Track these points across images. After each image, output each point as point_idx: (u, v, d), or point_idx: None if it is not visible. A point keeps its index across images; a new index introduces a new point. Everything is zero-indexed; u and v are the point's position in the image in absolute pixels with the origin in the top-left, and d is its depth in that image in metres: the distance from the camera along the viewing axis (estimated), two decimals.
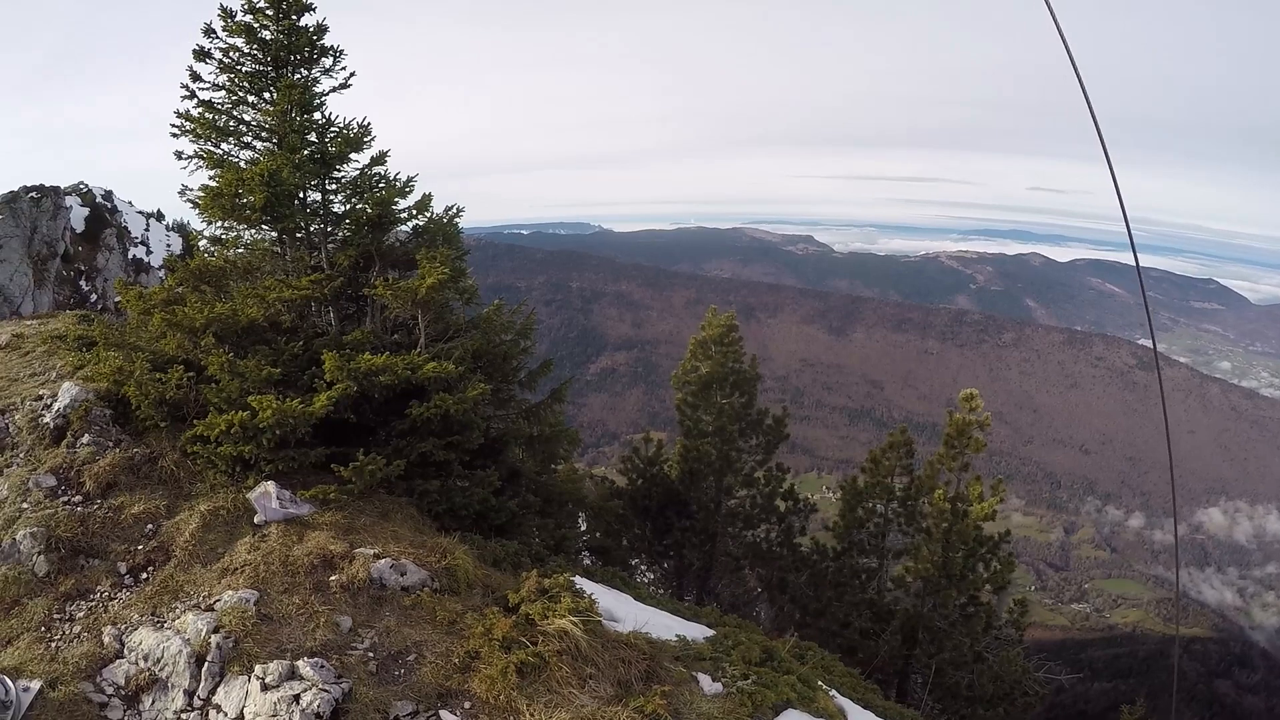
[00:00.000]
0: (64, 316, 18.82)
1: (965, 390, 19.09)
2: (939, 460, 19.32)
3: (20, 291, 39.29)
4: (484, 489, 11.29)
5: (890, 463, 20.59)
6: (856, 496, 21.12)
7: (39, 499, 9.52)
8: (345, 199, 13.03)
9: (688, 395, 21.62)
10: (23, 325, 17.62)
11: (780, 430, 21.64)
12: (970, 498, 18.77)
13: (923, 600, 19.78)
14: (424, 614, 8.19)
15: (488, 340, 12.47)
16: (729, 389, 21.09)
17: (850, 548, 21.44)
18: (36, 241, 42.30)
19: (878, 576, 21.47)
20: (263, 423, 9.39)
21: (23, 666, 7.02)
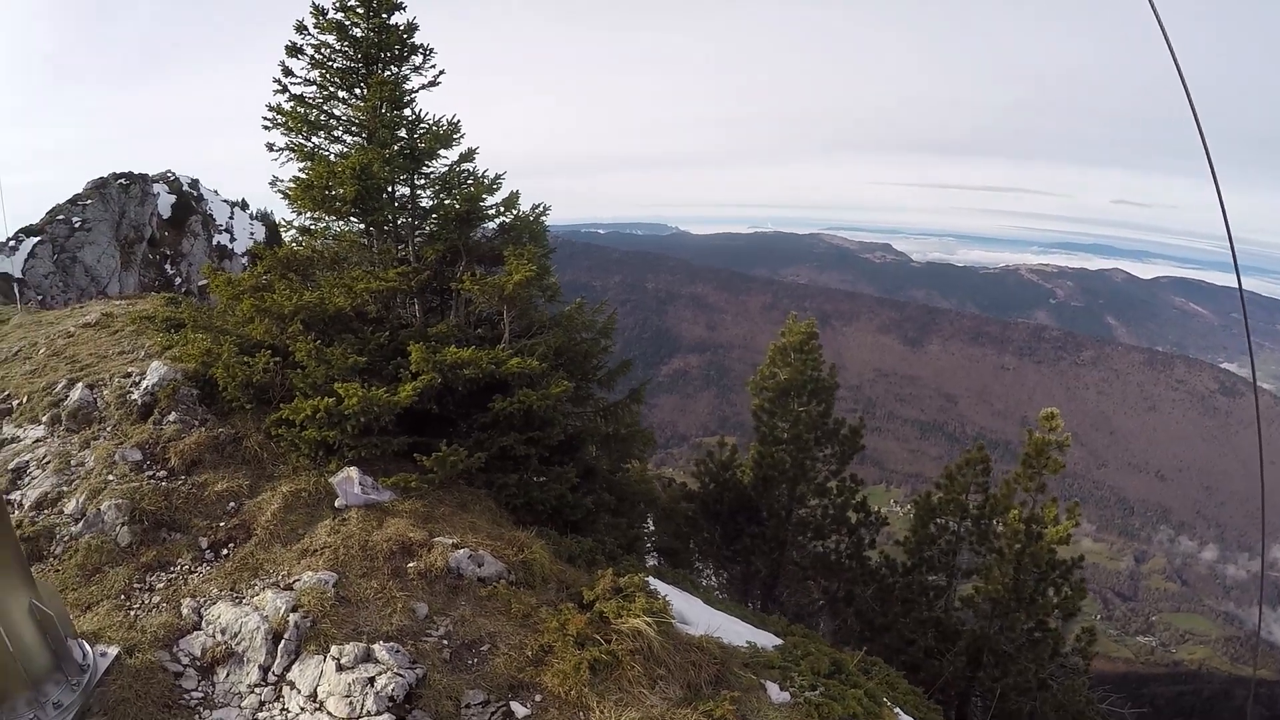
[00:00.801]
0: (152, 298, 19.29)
1: (1045, 409, 18.69)
2: (1015, 479, 18.93)
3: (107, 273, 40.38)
4: (561, 485, 11.32)
5: (965, 479, 20.23)
6: (930, 512, 20.79)
7: (124, 472, 9.77)
8: (434, 194, 13.15)
9: (765, 401, 21.44)
10: (111, 304, 18.11)
11: (856, 441, 21.36)
12: (1045, 520, 18.34)
13: (990, 622, 19.37)
14: (499, 605, 8.22)
15: (569, 338, 12.52)
16: (806, 397, 20.85)
17: (920, 564, 21.09)
18: (124, 226, 43.48)
19: (945, 595, 21.08)
20: (348, 409, 9.54)
21: (101, 632, 7.13)
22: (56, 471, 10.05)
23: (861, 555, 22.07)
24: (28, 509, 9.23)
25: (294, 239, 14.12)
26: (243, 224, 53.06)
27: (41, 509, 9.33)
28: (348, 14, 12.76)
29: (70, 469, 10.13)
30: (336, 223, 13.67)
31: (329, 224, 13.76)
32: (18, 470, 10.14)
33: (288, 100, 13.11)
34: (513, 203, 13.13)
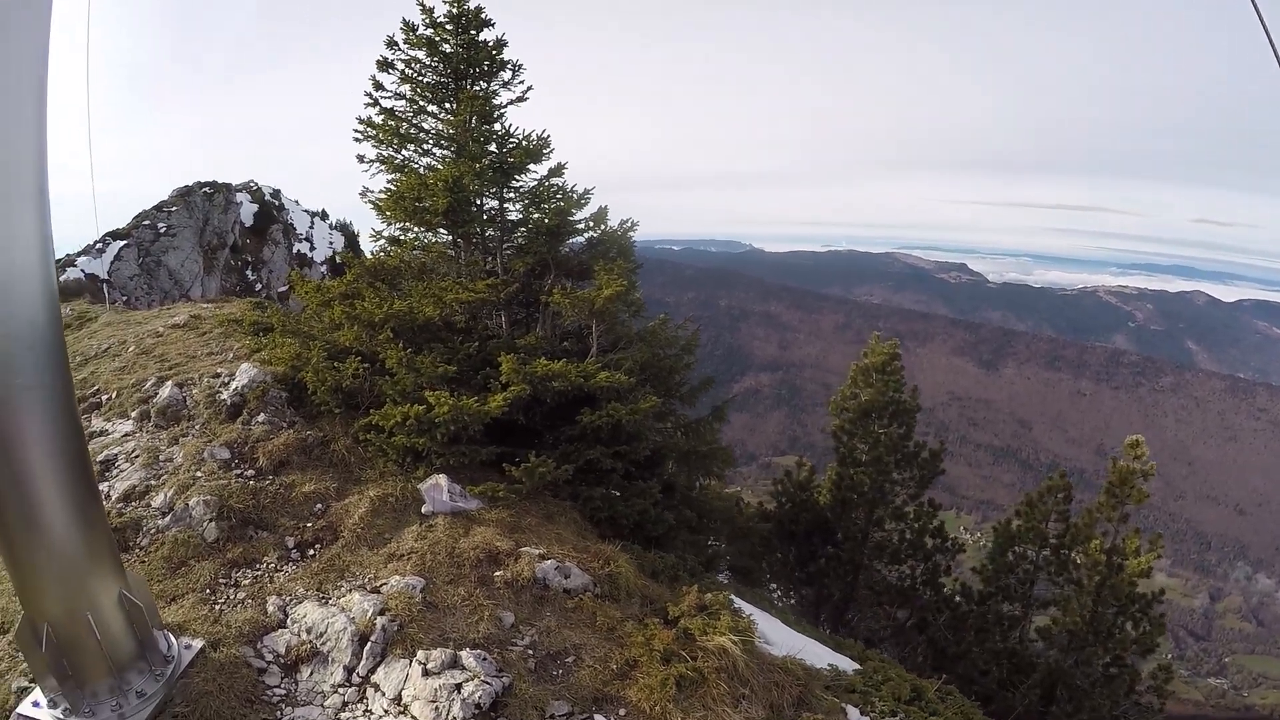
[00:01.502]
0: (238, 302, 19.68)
1: (1131, 436, 18.22)
2: (1098, 508, 18.46)
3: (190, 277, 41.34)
4: (645, 500, 11.28)
5: (1046, 507, 19.74)
6: (1009, 539, 20.31)
7: (213, 469, 9.94)
8: (523, 208, 13.25)
9: (845, 422, 21.13)
10: (199, 307, 18.52)
11: (935, 465, 20.96)
12: (1126, 551, 17.85)
13: (1065, 655, 18.84)
14: (584, 618, 8.18)
15: (653, 354, 12.50)
16: (887, 419, 20.57)
17: (996, 592, 20.60)
18: (208, 232, 44.55)
19: (1020, 625, 20.58)
20: (438, 417, 9.61)
21: (186, 624, 7.21)
22: (145, 465, 10.28)
23: (937, 582, 21.66)
24: (115, 500, 9.45)
25: (382, 248, 14.28)
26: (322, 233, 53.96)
27: (129, 501, 9.55)
28: (437, 30, 12.99)
29: (159, 464, 10.36)
30: (425, 234, 13.83)
31: (418, 235, 13.93)
32: (106, 462, 10.41)
33: (378, 113, 13.36)
34: (602, 218, 13.17)
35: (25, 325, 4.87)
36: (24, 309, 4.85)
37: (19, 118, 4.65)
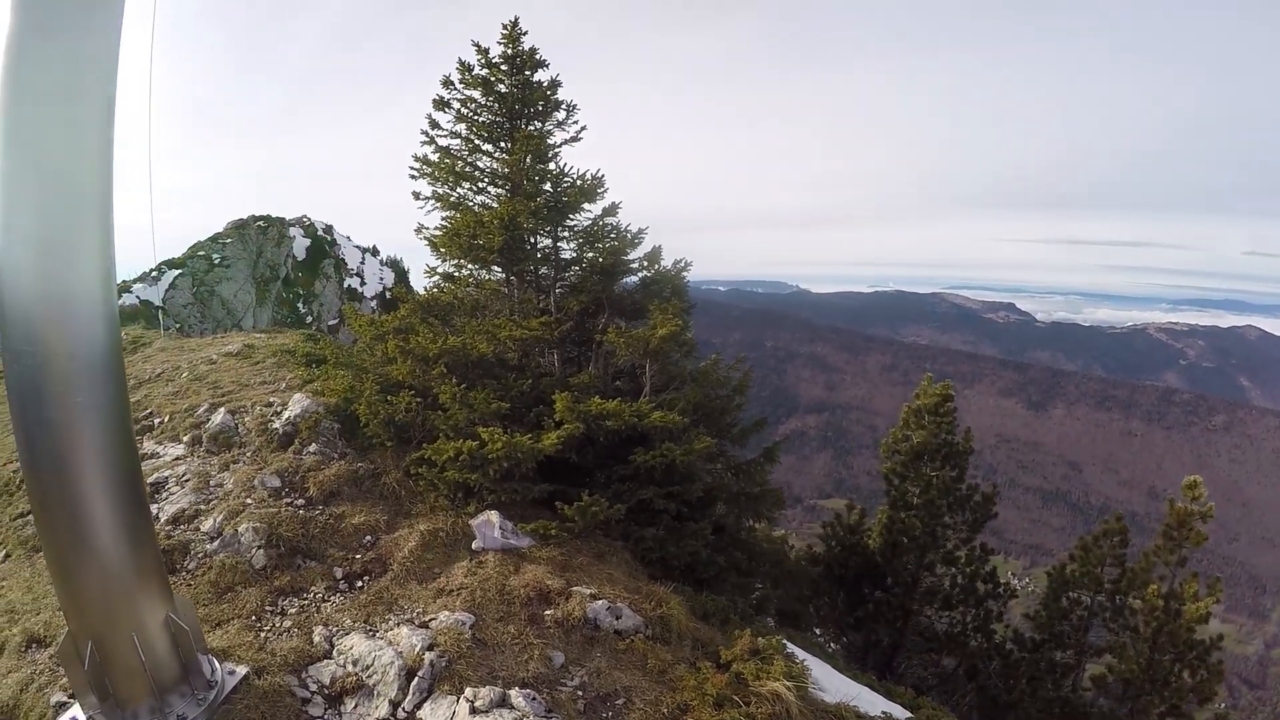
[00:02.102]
0: (290, 333, 19.88)
1: (1189, 478, 17.78)
2: (1155, 552, 18.01)
3: (243, 307, 41.98)
4: (697, 541, 11.17)
5: (1102, 551, 19.30)
6: (1063, 584, 19.86)
7: (263, 497, 10.04)
8: (578, 247, 13.28)
9: (896, 465, 20.78)
10: (252, 336, 18.76)
11: (988, 508, 20.56)
12: (1185, 596, 17.41)
13: (1121, 704, 18.38)
14: (635, 659, 8.06)
15: (705, 394, 12.42)
16: (939, 461, 20.28)
17: (1049, 639, 20.17)
18: (261, 265, 45.24)
19: (1074, 674, 20.12)
20: (491, 454, 9.60)
21: (230, 650, 7.21)
22: (195, 490, 10.39)
23: (988, 628, 21.23)
24: (164, 523, 9.52)
25: (436, 284, 14.37)
26: (373, 269, 54.51)
27: (178, 524, 9.63)
28: (493, 71, 13.18)
29: (209, 489, 10.47)
30: (479, 270, 13.90)
31: (472, 271, 13.99)
32: (157, 485, 10.53)
33: (434, 151, 13.51)
34: (655, 257, 13.19)
35: (85, 346, 4.95)
36: (85, 330, 4.93)
37: (87, 148, 4.77)
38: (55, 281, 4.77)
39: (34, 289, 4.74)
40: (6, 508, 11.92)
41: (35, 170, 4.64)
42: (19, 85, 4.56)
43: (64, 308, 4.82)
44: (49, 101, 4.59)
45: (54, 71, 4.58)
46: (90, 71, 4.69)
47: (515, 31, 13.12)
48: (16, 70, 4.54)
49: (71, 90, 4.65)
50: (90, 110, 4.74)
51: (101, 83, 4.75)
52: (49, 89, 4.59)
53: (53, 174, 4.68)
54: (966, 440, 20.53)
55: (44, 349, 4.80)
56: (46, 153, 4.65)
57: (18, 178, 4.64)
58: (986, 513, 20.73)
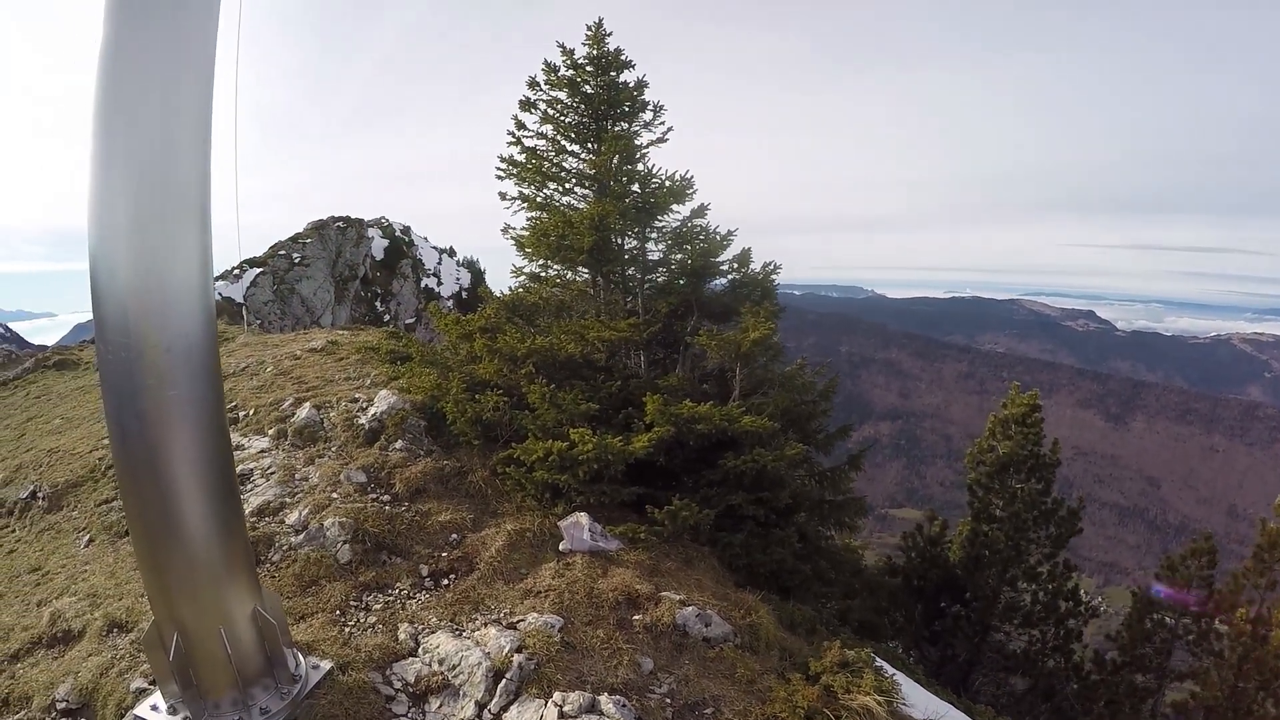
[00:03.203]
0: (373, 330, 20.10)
1: None
2: (1243, 575, 17.44)
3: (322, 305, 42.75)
4: (784, 549, 11.00)
5: (1188, 571, 18.74)
6: (1148, 605, 19.35)
7: (349, 492, 10.08)
8: (667, 248, 13.19)
9: (980, 476, 20.32)
10: (335, 333, 19.00)
11: (1074, 523, 20.02)
12: (1273, 621, 16.78)
13: None
14: (724, 668, 7.89)
15: (792, 399, 12.23)
16: (1025, 473, 19.83)
17: (1130, 662, 19.62)
18: (340, 264, 46.07)
19: (1154, 698, 19.51)
20: (580, 455, 9.52)
21: (314, 644, 7.20)
22: (280, 483, 10.48)
23: (1068, 648, 20.71)
24: (249, 514, 9.60)
25: (521, 284, 14.38)
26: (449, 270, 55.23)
27: (263, 516, 9.72)
28: (578, 71, 13.16)
29: (294, 482, 10.55)
30: (565, 271, 13.88)
31: (559, 272, 13.98)
32: (241, 477, 10.65)
33: (520, 152, 13.51)
34: (745, 260, 13.04)
35: (181, 339, 4.96)
36: (182, 323, 4.95)
37: (187, 149, 4.83)
38: (152, 275, 4.80)
39: (130, 282, 4.77)
40: (91, 494, 12.18)
41: (132, 166, 4.69)
42: (117, 88, 4.63)
43: (161, 301, 4.84)
44: (147, 96, 4.66)
45: (151, 74, 4.65)
46: (186, 73, 4.76)
47: (599, 32, 13.12)
48: (115, 74, 4.63)
49: (169, 87, 4.71)
50: (189, 118, 4.82)
51: (199, 90, 4.83)
52: (146, 88, 4.65)
53: (150, 168, 4.73)
54: (1054, 452, 20.02)
55: (139, 341, 4.82)
56: (143, 148, 4.70)
57: (115, 173, 4.69)
58: (1072, 528, 20.21)
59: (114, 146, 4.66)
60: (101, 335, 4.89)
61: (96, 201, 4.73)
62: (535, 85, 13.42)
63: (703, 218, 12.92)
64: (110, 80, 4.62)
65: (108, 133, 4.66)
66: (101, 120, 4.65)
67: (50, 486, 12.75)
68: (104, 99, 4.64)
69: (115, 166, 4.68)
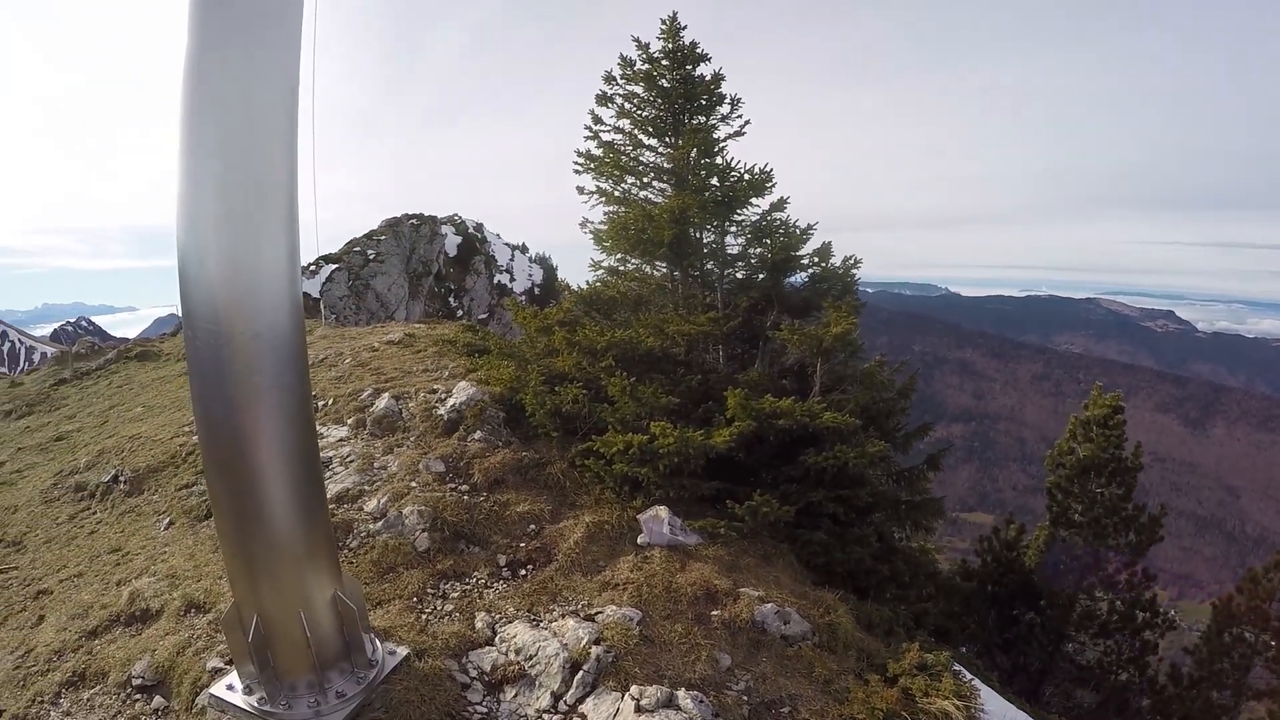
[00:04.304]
0: (449, 324, 20.28)
1: None
2: None
3: (396, 300, 43.38)
4: (863, 548, 10.83)
5: (1271, 585, 18.20)
6: (1229, 619, 18.80)
7: (427, 480, 10.16)
8: (747, 242, 13.11)
9: (1060, 479, 19.85)
10: (412, 326, 19.22)
11: (1155, 531, 19.47)
12: None
13: None
14: (801, 667, 7.78)
15: (872, 396, 12.06)
16: (1106, 477, 19.37)
17: (1207, 677, 19.06)
18: (414, 260, 46.70)
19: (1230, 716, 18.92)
20: (661, 448, 9.47)
21: (392, 631, 7.25)
22: (360, 471, 10.63)
23: (1143, 661, 20.17)
24: (328, 501, 9.60)
25: (599, 279, 14.38)
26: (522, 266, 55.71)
27: (341, 503, 9.86)
28: (654, 65, 13.14)
29: (373, 470, 10.68)
30: (643, 265, 13.85)
31: (638, 265, 13.95)
32: (321, 463, 10.68)
33: (598, 146, 13.50)
34: (826, 253, 12.92)
35: (269, 327, 5.03)
36: (270, 311, 5.03)
37: (274, 144, 4.93)
38: (241, 264, 4.89)
39: (219, 271, 4.86)
40: (172, 479, 12.44)
41: (220, 162, 4.79)
42: (204, 89, 4.74)
43: (249, 288, 4.92)
44: (235, 96, 4.77)
45: (238, 75, 4.76)
46: (272, 74, 4.87)
47: (674, 26, 13.12)
48: (201, 76, 4.73)
49: (256, 88, 4.82)
50: (275, 114, 4.93)
51: (285, 85, 4.94)
52: (233, 88, 4.76)
53: (238, 165, 4.83)
54: (1136, 456, 19.52)
55: (227, 328, 4.90)
56: (231, 146, 4.80)
57: (203, 168, 4.79)
58: (1153, 536, 19.68)
59: (203, 143, 4.77)
60: (190, 322, 4.98)
61: (186, 194, 4.83)
62: (611, 80, 13.46)
63: (782, 211, 12.85)
64: (197, 81, 4.72)
65: (198, 130, 4.76)
66: (191, 118, 4.75)
67: (131, 471, 13.02)
68: (192, 100, 4.74)
69: (204, 162, 4.78)
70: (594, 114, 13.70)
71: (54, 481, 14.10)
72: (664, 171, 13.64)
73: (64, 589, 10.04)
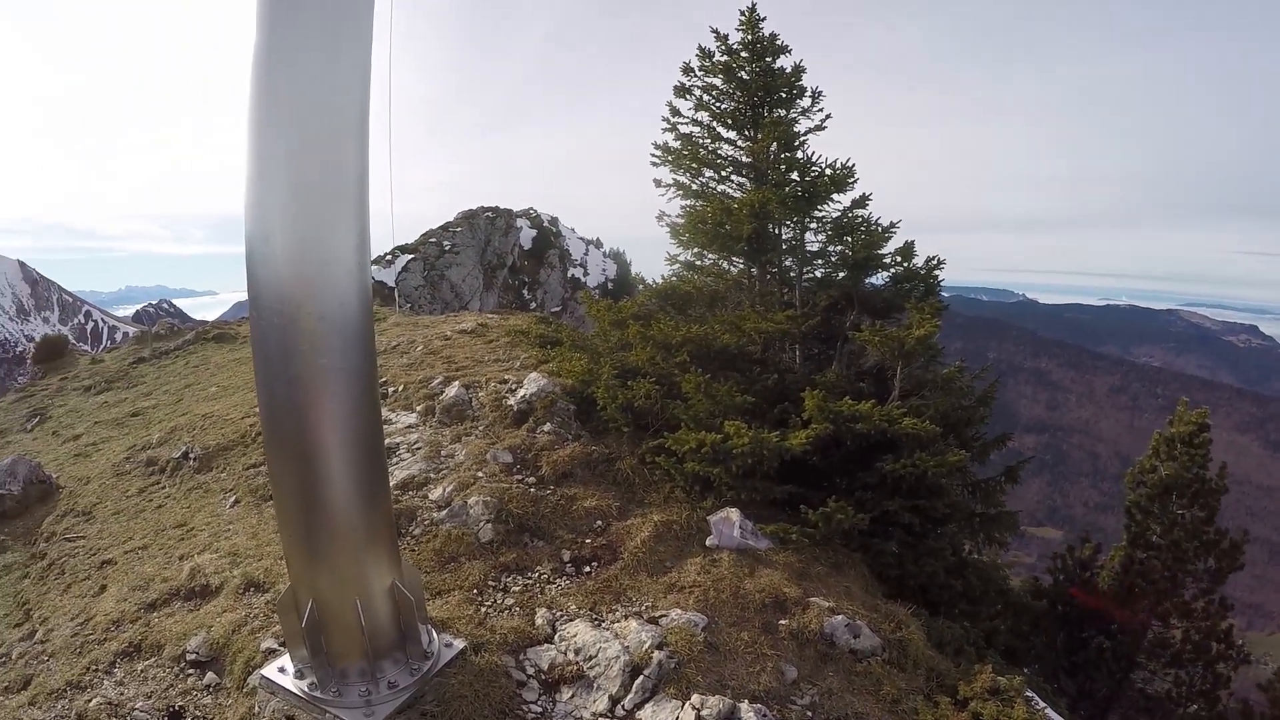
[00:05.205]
0: (522, 315, 20.31)
1: None
2: None
3: (470, 291, 43.82)
4: (937, 561, 10.47)
5: None
6: None
7: (494, 471, 10.02)
8: (826, 239, 12.81)
9: (1140, 498, 19.18)
10: (485, 317, 19.26)
11: (1236, 557, 18.71)
12: None
13: None
14: (869, 684, 7.45)
15: (951, 403, 11.69)
16: (1189, 499, 18.68)
17: None
18: (489, 253, 47.18)
19: None
20: (735, 448, 9.21)
21: (450, 622, 7.11)
22: (426, 458, 10.58)
23: (1214, 694, 19.44)
24: (394, 487, 9.64)
25: (675, 273, 14.19)
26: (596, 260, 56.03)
27: (406, 490, 9.80)
28: (733, 57, 13.01)
29: (439, 458, 10.62)
30: (720, 260, 13.64)
31: (715, 261, 13.74)
32: (387, 450, 10.74)
33: (675, 139, 13.34)
34: (908, 253, 12.54)
35: (337, 308, 4.98)
36: (337, 292, 4.99)
37: (345, 132, 4.94)
38: (309, 247, 4.87)
39: (287, 250, 4.85)
40: (240, 458, 12.53)
41: (290, 143, 4.78)
42: (275, 82, 4.75)
43: (317, 268, 4.90)
44: (306, 89, 4.79)
45: (311, 60, 4.78)
46: (348, 76, 4.92)
47: (753, 17, 12.95)
48: (272, 69, 4.75)
49: (326, 81, 4.83)
50: (348, 104, 4.95)
51: (358, 80, 4.96)
52: (304, 82, 4.78)
53: (308, 143, 4.81)
54: (1220, 477, 18.79)
55: (293, 308, 4.87)
56: (301, 125, 4.78)
57: (273, 150, 4.79)
58: (1234, 562, 18.93)
59: (273, 130, 4.77)
60: (256, 302, 4.95)
61: (256, 180, 4.83)
62: (689, 71, 13.32)
63: (864, 208, 12.53)
64: (269, 68, 4.72)
65: (268, 116, 4.77)
66: (261, 105, 4.76)
67: (202, 449, 13.11)
68: (262, 86, 4.74)
69: (274, 149, 4.79)
70: (671, 106, 13.57)
71: (126, 455, 14.27)
72: (742, 165, 13.44)
73: (128, 560, 10.12)
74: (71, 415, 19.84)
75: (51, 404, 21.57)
